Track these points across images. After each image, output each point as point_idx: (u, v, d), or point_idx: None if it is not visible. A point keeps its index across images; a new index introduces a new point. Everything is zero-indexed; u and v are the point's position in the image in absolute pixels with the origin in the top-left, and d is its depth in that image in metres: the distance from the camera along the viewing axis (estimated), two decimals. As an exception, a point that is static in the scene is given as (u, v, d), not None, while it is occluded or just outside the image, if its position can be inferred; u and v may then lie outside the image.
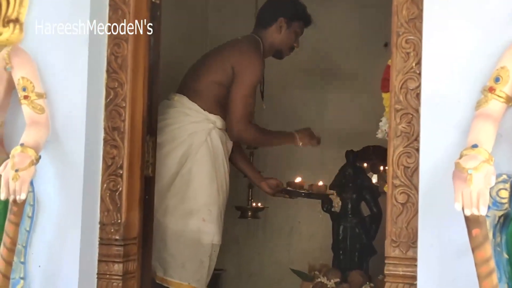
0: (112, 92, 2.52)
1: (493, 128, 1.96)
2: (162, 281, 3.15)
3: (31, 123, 2.34)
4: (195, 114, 3.26)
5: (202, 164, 3.21)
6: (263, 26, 3.45)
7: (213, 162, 3.23)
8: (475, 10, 2.10)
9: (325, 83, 4.67)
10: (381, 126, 2.78)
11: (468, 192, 1.81)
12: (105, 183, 2.51)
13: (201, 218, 3.17)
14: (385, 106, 2.69)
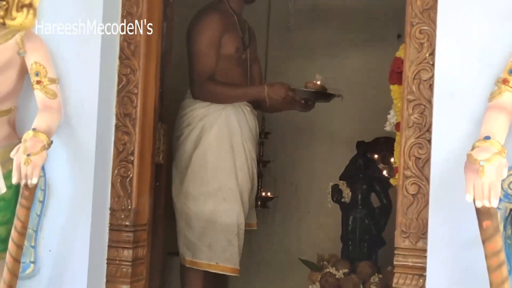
0: (124, 79, 2.52)
1: (506, 120, 1.94)
2: (191, 264, 3.16)
3: (44, 108, 2.35)
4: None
5: (215, 145, 3.20)
6: None
7: (228, 141, 3.22)
8: (490, 2, 2.08)
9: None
10: (389, 119, 2.76)
11: (480, 184, 1.80)
12: (116, 169, 2.52)
13: (222, 198, 3.17)
14: (393, 98, 2.68)
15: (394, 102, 2.71)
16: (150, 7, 2.50)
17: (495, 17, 2.07)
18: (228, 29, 3.26)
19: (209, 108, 3.22)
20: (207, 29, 3.21)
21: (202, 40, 3.20)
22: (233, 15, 3.33)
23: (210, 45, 3.20)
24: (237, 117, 3.26)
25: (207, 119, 3.21)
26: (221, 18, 3.25)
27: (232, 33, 3.28)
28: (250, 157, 3.30)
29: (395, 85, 2.66)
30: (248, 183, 3.28)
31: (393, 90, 2.67)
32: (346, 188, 3.78)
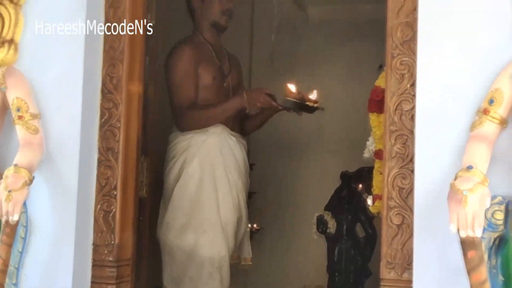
0: (107, 113, 2.51)
1: (487, 150, 1.96)
2: None
3: (25, 144, 2.33)
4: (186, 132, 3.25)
5: (196, 177, 3.19)
6: (192, 18, 3.42)
7: (211, 173, 3.21)
8: (469, 32, 2.11)
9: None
10: (368, 146, 2.80)
11: (464, 213, 1.80)
12: (99, 204, 2.50)
13: (203, 230, 3.15)
14: (372, 126, 2.71)
15: (373, 130, 2.74)
16: (132, 42, 2.51)
17: (475, 48, 2.10)
18: (203, 60, 3.28)
19: (191, 140, 3.22)
20: (180, 61, 3.23)
21: (176, 73, 3.22)
22: (207, 45, 3.35)
23: (185, 76, 3.22)
24: (221, 147, 3.25)
25: (189, 151, 3.21)
26: (194, 50, 3.28)
27: (207, 63, 3.30)
28: (235, 188, 3.28)
29: (374, 113, 2.71)
30: (233, 215, 3.25)
31: (372, 119, 2.72)
32: (331, 219, 3.79)
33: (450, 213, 1.84)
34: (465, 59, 2.11)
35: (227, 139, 3.29)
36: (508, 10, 2.06)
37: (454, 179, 1.89)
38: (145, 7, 2.59)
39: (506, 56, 2.04)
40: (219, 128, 3.27)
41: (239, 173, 3.31)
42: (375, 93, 2.69)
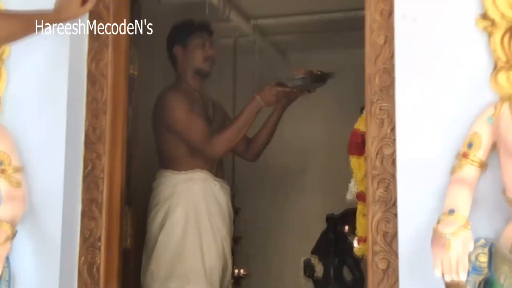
0: (90, 164, 2.51)
1: (468, 193, 1.98)
2: None
3: (8, 198, 2.33)
4: (169, 179, 3.25)
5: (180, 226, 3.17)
6: (174, 67, 3.45)
7: (195, 221, 3.19)
8: (446, 77, 2.15)
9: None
10: (350, 188, 2.80)
11: (447, 258, 1.81)
12: (83, 256, 2.47)
13: (187, 279, 3.11)
14: (353, 168, 2.73)
15: (354, 173, 2.75)
16: (115, 93, 2.53)
17: (453, 93, 2.13)
18: (194, 105, 3.31)
19: (175, 187, 3.21)
20: (181, 102, 3.24)
21: (182, 112, 3.22)
22: (194, 92, 3.38)
23: (191, 112, 3.24)
24: (205, 194, 3.25)
25: (173, 199, 3.20)
26: (185, 93, 3.31)
27: (197, 108, 3.32)
28: (219, 235, 3.26)
29: (354, 156, 2.72)
30: (218, 262, 3.22)
31: (352, 161, 2.73)
32: (319, 263, 3.78)
33: (434, 257, 1.85)
34: (443, 104, 2.14)
35: (211, 185, 3.29)
36: (484, 54, 2.10)
37: (436, 223, 1.91)
38: (128, 59, 2.61)
39: (483, 100, 2.08)
40: (203, 175, 3.27)
41: (223, 220, 3.30)
42: (354, 136, 2.71)
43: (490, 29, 2.07)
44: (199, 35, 3.39)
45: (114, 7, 2.53)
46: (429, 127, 2.14)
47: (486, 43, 2.09)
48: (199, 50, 3.37)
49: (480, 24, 2.08)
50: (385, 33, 2.23)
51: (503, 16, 2.05)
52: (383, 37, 2.24)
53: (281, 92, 3.23)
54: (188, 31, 3.40)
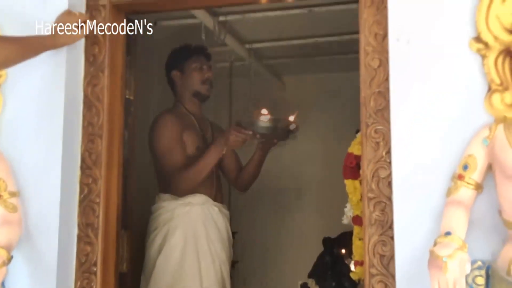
0: (86, 188, 2.51)
1: (465, 215, 1.98)
2: None
3: (3, 223, 2.31)
4: (168, 203, 3.25)
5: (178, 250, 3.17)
6: (173, 91, 3.48)
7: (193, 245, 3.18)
8: (441, 99, 2.16)
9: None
10: (346, 212, 2.80)
11: (445, 280, 1.81)
12: (79, 281, 2.46)
13: None
14: (348, 192, 2.73)
15: (349, 196, 2.75)
16: (111, 117, 2.54)
17: (448, 115, 2.14)
18: (186, 129, 3.32)
19: (174, 211, 3.21)
20: (166, 129, 3.27)
21: (164, 139, 3.25)
22: (189, 115, 3.40)
23: (173, 141, 3.25)
24: (204, 219, 3.25)
25: (172, 223, 3.20)
26: (177, 119, 3.32)
27: (190, 132, 3.34)
28: (218, 259, 3.25)
29: (349, 180, 2.72)
30: (215, 286, 3.22)
31: (348, 185, 2.73)
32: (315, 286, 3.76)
33: (431, 279, 1.85)
34: (438, 126, 2.15)
35: (210, 210, 3.29)
36: (478, 76, 2.12)
37: (433, 245, 1.91)
38: (124, 83, 2.62)
39: (478, 122, 2.09)
40: (202, 199, 3.28)
41: (222, 244, 3.29)
42: (349, 159, 2.72)
43: (483, 51, 2.09)
44: (196, 59, 3.43)
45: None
46: (424, 149, 2.15)
47: (480, 65, 2.10)
48: (197, 73, 3.41)
49: (474, 46, 2.10)
50: (379, 56, 2.25)
51: (497, 38, 2.07)
52: (377, 60, 2.26)
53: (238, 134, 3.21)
54: (185, 55, 3.44)
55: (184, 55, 3.45)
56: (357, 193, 2.72)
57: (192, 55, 3.44)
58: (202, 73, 3.41)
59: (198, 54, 3.45)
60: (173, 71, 3.44)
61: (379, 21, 2.26)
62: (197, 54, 3.45)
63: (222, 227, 3.33)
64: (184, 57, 3.44)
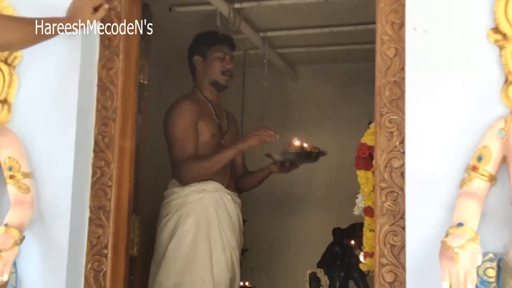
0: (98, 171, 2.52)
1: (477, 207, 1.97)
2: None
3: (16, 203, 2.33)
4: (181, 189, 3.26)
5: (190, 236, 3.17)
6: (192, 75, 3.48)
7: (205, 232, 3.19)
8: (456, 91, 2.15)
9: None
10: (357, 203, 2.81)
11: (455, 271, 1.80)
12: (89, 263, 2.47)
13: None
14: (360, 183, 2.73)
15: (361, 187, 2.76)
16: (125, 101, 2.54)
17: (463, 107, 2.13)
18: (202, 116, 3.32)
19: (186, 198, 3.22)
20: (181, 115, 3.28)
21: (178, 126, 3.26)
22: (206, 103, 3.40)
23: (186, 130, 3.26)
24: (216, 206, 3.25)
25: (184, 209, 3.20)
26: (194, 105, 3.32)
27: (207, 120, 3.34)
28: (228, 247, 3.26)
29: (361, 170, 2.74)
30: (226, 275, 3.22)
31: (360, 175, 2.74)
32: (324, 276, 3.76)
33: (442, 270, 1.84)
34: (452, 117, 2.14)
35: (222, 197, 3.29)
36: (495, 68, 2.10)
37: (445, 236, 1.90)
38: (138, 68, 2.62)
39: (493, 113, 2.08)
40: (215, 186, 3.28)
41: (233, 232, 3.30)
42: (361, 150, 2.73)
43: (501, 42, 2.07)
44: (220, 48, 3.43)
45: (125, 16, 2.55)
46: (438, 140, 2.14)
47: (497, 56, 2.09)
48: (218, 63, 3.40)
49: (492, 37, 2.09)
50: (395, 46, 2.24)
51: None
52: (393, 50, 2.24)
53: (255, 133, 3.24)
54: (210, 42, 3.43)
55: (209, 41, 3.43)
56: (369, 184, 2.72)
57: (217, 43, 3.43)
58: (224, 63, 3.41)
59: (223, 43, 3.44)
60: (195, 56, 3.42)
61: (396, 10, 2.25)
62: (222, 43, 3.44)
63: (234, 215, 3.33)
64: (209, 44, 3.42)
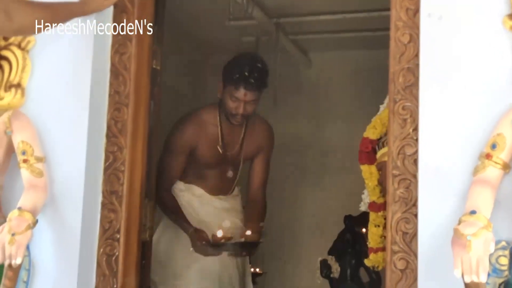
0: (111, 156, 2.53)
1: (491, 194, 1.96)
2: None
3: (30, 187, 2.34)
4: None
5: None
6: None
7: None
8: (471, 77, 2.13)
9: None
10: (363, 199, 2.82)
11: (468, 258, 1.80)
12: (102, 248, 2.49)
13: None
14: (364, 178, 2.72)
15: (365, 182, 2.75)
16: (137, 87, 2.54)
17: (477, 94, 2.12)
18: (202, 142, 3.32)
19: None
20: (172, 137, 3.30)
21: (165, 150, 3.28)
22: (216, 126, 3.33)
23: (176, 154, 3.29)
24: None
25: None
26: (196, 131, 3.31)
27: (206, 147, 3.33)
28: None
29: (365, 165, 2.73)
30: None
31: (364, 170, 2.74)
32: (335, 263, 3.75)
33: (454, 258, 1.83)
34: (467, 104, 2.13)
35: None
36: (510, 55, 2.08)
37: (457, 224, 1.89)
38: (151, 53, 2.62)
39: (508, 101, 2.06)
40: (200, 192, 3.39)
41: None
42: (364, 144, 2.72)
43: (517, 29, 2.05)
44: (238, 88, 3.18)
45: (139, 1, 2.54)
46: (452, 127, 2.13)
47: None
48: (231, 102, 3.22)
49: (507, 24, 2.06)
50: (410, 32, 2.22)
51: (531, 16, 2.04)
52: (408, 36, 2.23)
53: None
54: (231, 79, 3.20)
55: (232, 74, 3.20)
56: (373, 178, 2.73)
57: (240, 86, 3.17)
58: (235, 105, 3.20)
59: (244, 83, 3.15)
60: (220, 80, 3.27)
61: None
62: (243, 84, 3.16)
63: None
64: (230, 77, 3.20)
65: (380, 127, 2.71)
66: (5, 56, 2.51)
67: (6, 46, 2.51)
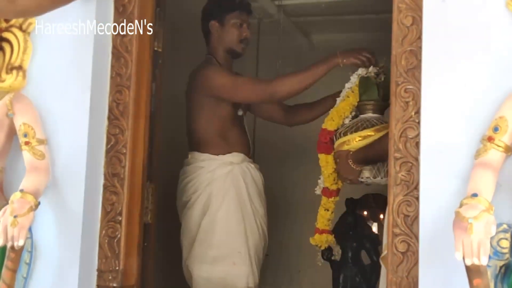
0: (113, 139, 2.53)
1: (492, 177, 1.96)
2: None
3: (31, 169, 2.35)
4: (208, 164, 3.23)
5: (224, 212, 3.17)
6: (206, 41, 3.35)
7: (237, 205, 3.19)
8: (474, 60, 2.12)
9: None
10: (319, 183, 2.98)
11: (469, 241, 1.80)
12: (104, 230, 2.50)
13: (232, 262, 3.14)
14: (321, 166, 2.89)
15: (322, 170, 2.92)
16: (139, 69, 2.53)
17: (480, 77, 2.11)
18: None
19: (214, 173, 3.20)
20: (218, 71, 3.20)
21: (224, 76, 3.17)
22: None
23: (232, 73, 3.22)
24: (244, 177, 3.25)
25: (214, 185, 3.19)
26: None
27: None
28: (258, 216, 3.27)
29: (323, 154, 2.90)
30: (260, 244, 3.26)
31: (321, 159, 2.91)
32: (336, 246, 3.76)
33: (455, 240, 1.84)
34: (469, 87, 2.12)
35: (249, 167, 3.29)
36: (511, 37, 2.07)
37: (459, 207, 1.90)
38: (153, 35, 2.61)
39: (510, 84, 2.05)
40: (241, 157, 3.27)
41: (260, 200, 3.31)
42: (323, 135, 2.86)
43: (520, 11, 2.04)
44: (238, 14, 3.28)
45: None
46: (454, 110, 2.12)
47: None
48: (236, 30, 3.28)
49: (511, 5, 2.05)
50: (413, 14, 2.21)
51: (535, -2, 2.02)
52: (410, 18, 2.21)
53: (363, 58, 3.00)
54: (228, 8, 3.28)
55: (227, 7, 3.28)
56: (329, 167, 2.91)
57: (235, 9, 3.28)
58: (241, 30, 3.27)
59: (242, 9, 3.30)
60: (211, 21, 3.29)
61: (414, -23, 2.22)
62: (241, 9, 3.30)
63: (259, 180, 3.33)
64: (227, 9, 3.27)
65: (337, 119, 2.88)
66: (6, 38, 2.50)
67: (7, 28, 2.51)
